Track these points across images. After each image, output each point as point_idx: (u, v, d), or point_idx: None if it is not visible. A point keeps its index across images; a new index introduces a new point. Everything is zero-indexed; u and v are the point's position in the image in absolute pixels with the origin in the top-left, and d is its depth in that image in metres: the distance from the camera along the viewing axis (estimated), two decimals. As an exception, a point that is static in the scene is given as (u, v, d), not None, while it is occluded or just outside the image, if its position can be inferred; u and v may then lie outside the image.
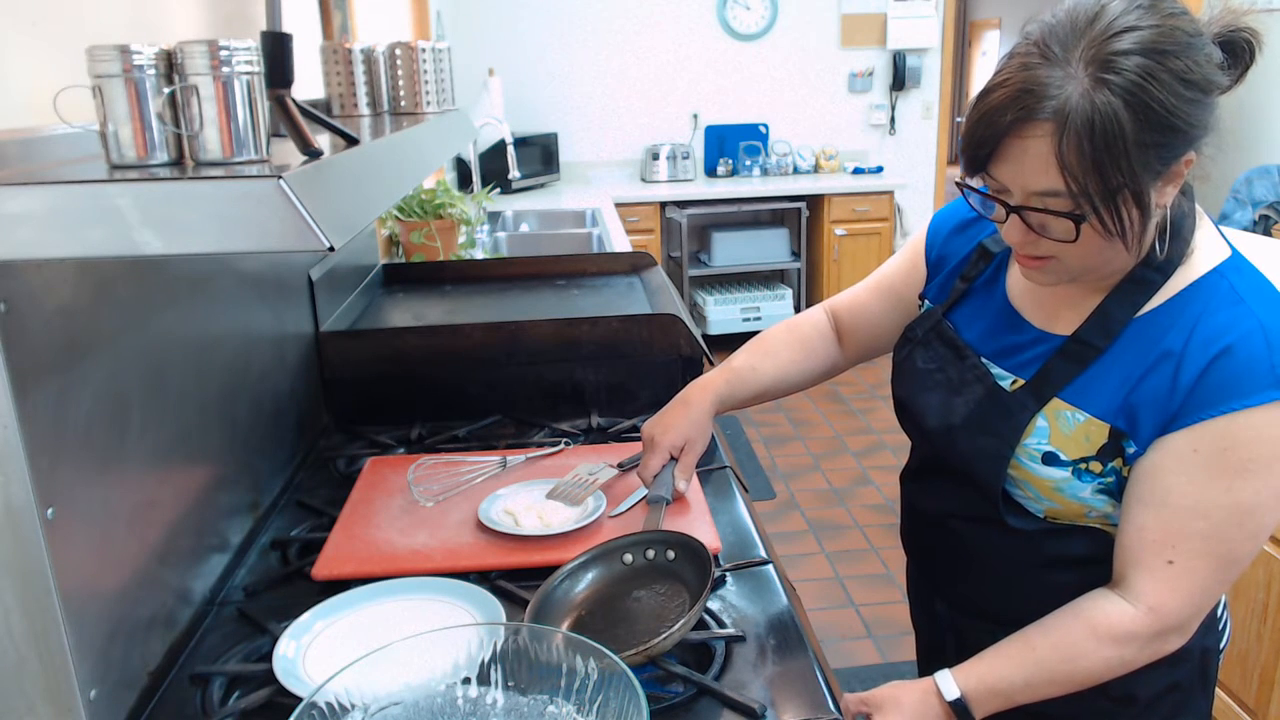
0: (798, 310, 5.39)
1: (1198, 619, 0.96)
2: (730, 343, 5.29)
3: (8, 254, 0.69)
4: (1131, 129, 0.82)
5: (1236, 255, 0.97)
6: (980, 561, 1.11)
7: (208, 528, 1.22)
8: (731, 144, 5.52)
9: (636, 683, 0.79)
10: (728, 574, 1.22)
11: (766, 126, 5.55)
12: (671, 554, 1.13)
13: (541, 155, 5.11)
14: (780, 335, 1.32)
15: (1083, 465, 0.97)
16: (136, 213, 0.68)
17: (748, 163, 5.51)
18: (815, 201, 5.26)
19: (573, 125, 5.42)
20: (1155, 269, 0.95)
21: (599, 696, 0.82)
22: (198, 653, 1.11)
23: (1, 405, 0.80)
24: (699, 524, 1.31)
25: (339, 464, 1.60)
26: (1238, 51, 0.90)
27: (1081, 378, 0.97)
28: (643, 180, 5.44)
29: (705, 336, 4.75)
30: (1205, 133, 0.87)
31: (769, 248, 5.37)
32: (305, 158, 0.80)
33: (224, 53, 0.76)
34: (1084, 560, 1.02)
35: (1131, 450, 0.94)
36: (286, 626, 1.08)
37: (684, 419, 1.24)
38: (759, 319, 5.29)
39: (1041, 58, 0.85)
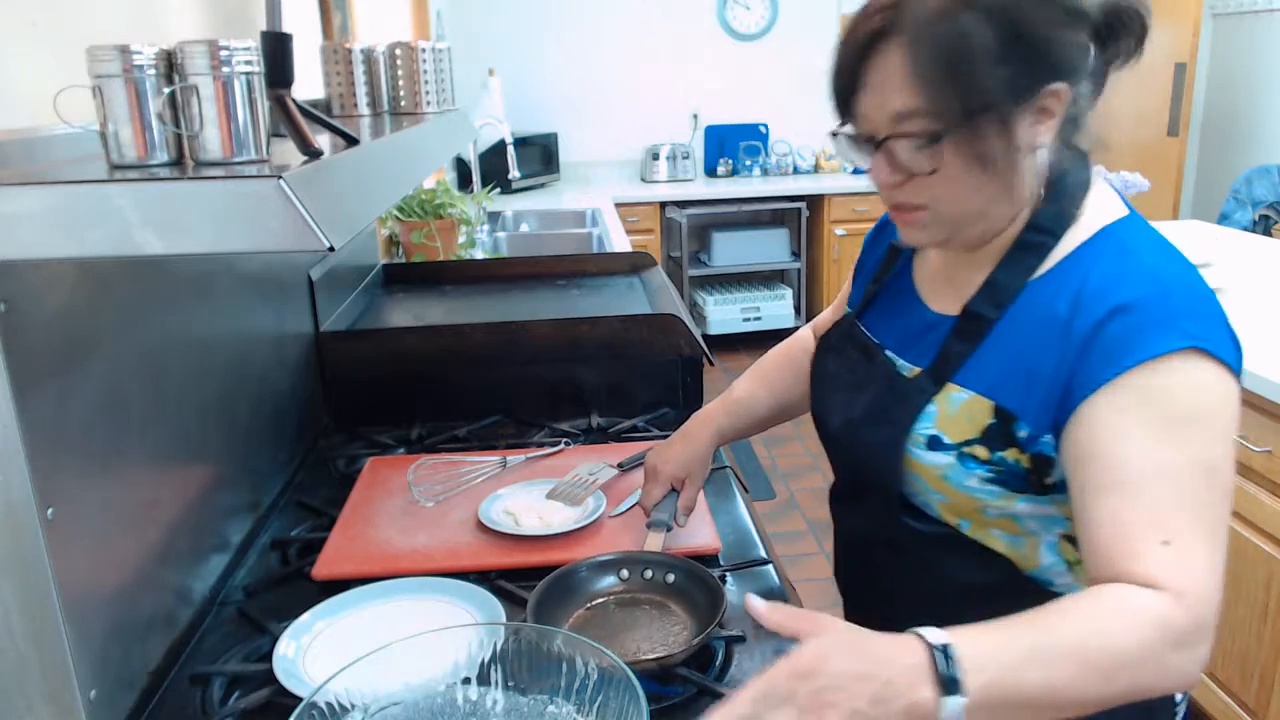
0: (797, 310, 5.40)
1: (1215, 606, 0.78)
2: (730, 343, 5.30)
3: (8, 254, 0.69)
4: (992, 41, 0.80)
5: (1134, 215, 0.92)
6: (893, 589, 1.04)
7: (208, 528, 1.22)
8: (731, 144, 5.51)
9: (636, 683, 0.79)
10: (728, 574, 1.22)
11: (766, 126, 5.54)
12: (671, 577, 1.14)
13: (541, 155, 5.11)
14: (775, 361, 1.33)
15: (966, 449, 0.91)
16: (136, 213, 0.68)
17: (748, 163, 5.50)
18: (815, 201, 5.25)
19: (573, 125, 5.41)
20: (1043, 231, 0.90)
21: (599, 696, 0.82)
22: (198, 653, 1.11)
23: (1, 405, 0.80)
24: (699, 524, 1.31)
25: (339, 464, 1.60)
26: (1126, 18, 0.86)
27: (975, 355, 0.92)
28: (643, 180, 5.44)
29: (705, 336, 4.74)
30: (1075, 67, 0.84)
31: (769, 248, 5.36)
32: (305, 158, 0.80)
33: (224, 53, 0.76)
34: (989, 592, 0.91)
35: (1024, 434, 0.88)
36: (286, 626, 1.08)
37: (685, 452, 1.25)
38: (759, 319, 5.29)
39: None
